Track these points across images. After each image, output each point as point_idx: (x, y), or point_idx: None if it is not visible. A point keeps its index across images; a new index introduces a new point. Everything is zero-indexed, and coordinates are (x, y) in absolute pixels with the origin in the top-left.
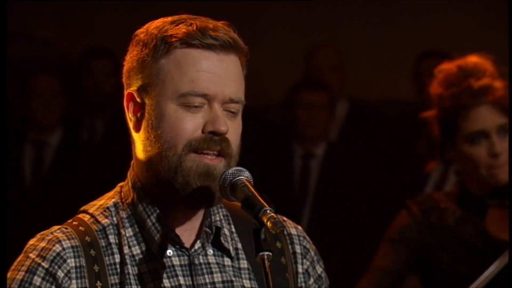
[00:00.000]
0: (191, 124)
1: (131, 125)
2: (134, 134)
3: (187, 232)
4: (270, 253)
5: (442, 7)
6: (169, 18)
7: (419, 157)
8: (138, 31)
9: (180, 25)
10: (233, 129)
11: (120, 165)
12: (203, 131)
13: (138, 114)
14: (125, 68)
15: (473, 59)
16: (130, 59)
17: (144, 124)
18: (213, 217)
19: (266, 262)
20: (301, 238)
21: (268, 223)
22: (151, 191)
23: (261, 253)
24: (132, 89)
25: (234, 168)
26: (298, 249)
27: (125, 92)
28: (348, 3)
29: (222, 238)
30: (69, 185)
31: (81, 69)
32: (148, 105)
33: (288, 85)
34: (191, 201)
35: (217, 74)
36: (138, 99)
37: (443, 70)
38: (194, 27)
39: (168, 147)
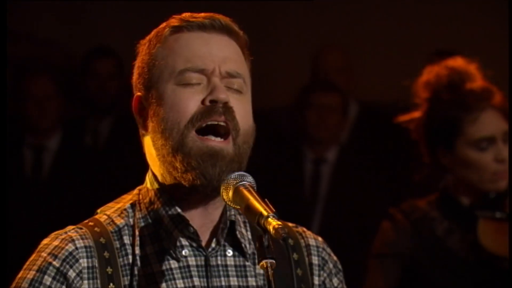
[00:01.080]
0: (191, 100)
1: (140, 127)
2: (144, 134)
3: (204, 229)
4: (273, 261)
5: (456, 5)
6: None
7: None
8: (139, 44)
9: (171, 20)
10: (239, 104)
11: (125, 170)
12: (203, 103)
13: (145, 114)
14: (132, 79)
15: (460, 62)
16: (135, 68)
17: (150, 117)
18: (228, 212)
19: (269, 269)
20: (320, 249)
21: (271, 230)
22: (168, 188)
23: (264, 261)
24: (138, 92)
25: (236, 173)
26: (315, 260)
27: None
28: (355, 2)
29: (237, 233)
30: (71, 191)
31: (85, 70)
32: (150, 97)
33: (295, 87)
34: (194, 185)
35: (211, 52)
36: (143, 100)
37: (432, 71)
38: (184, 17)
39: (171, 126)
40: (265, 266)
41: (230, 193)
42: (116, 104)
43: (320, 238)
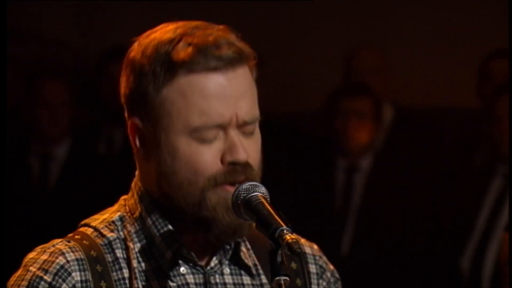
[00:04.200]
0: (208, 157)
1: (139, 155)
2: (143, 162)
3: (200, 247)
4: (287, 278)
5: (499, 4)
6: (163, 34)
7: (477, 172)
8: (132, 52)
9: (178, 47)
10: (251, 147)
11: None
12: (222, 162)
13: (146, 146)
14: (122, 91)
15: None
16: (127, 85)
17: (155, 157)
18: None
19: (283, 287)
20: (317, 258)
21: (285, 245)
22: (160, 202)
23: (277, 278)
24: (136, 118)
25: (248, 183)
26: (313, 268)
27: (128, 120)
28: None
29: (241, 254)
30: (81, 203)
31: (99, 72)
32: (157, 138)
33: (326, 90)
34: (221, 236)
35: (227, 97)
36: (143, 129)
37: None
38: (194, 49)
39: (189, 183)
40: (278, 283)
41: (241, 205)
42: None
43: (315, 246)
